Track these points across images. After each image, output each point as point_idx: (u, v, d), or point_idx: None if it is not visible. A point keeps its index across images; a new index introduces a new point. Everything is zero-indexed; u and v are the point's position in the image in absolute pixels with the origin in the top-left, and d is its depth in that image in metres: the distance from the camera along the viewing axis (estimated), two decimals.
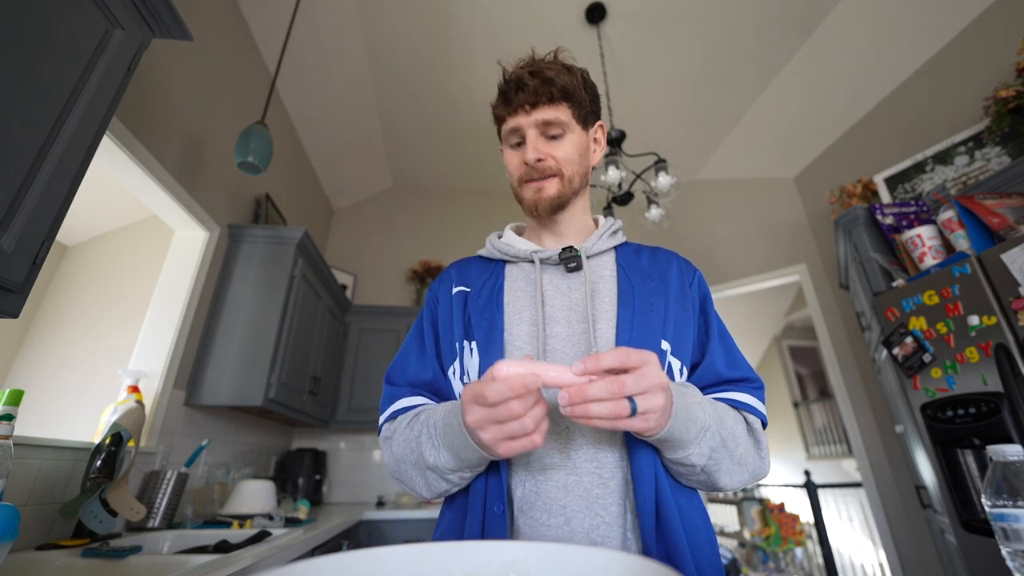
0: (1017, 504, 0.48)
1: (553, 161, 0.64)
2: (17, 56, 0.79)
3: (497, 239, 0.73)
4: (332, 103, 2.82)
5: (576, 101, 0.64)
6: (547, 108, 0.62)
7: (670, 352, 0.60)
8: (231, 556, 1.01)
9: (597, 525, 0.50)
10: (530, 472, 0.54)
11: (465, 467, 0.52)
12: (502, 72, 0.66)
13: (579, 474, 0.53)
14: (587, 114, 0.67)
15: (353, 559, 0.30)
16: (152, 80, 1.54)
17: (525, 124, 0.63)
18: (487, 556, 0.32)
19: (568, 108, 0.64)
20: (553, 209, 0.66)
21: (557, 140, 0.64)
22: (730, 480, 0.55)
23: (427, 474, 0.55)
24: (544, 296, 0.64)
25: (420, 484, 0.57)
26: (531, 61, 0.65)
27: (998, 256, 1.37)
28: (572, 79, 0.64)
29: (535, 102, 0.62)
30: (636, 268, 0.67)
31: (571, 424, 0.55)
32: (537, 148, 0.63)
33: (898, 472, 2.28)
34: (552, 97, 0.62)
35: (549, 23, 2.43)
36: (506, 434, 0.44)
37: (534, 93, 0.61)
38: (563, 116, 0.63)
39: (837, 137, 2.78)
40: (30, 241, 0.82)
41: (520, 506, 0.53)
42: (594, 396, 0.41)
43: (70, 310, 2.19)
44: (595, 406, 0.41)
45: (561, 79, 0.62)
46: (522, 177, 0.65)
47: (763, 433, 0.59)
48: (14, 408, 0.81)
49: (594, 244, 0.67)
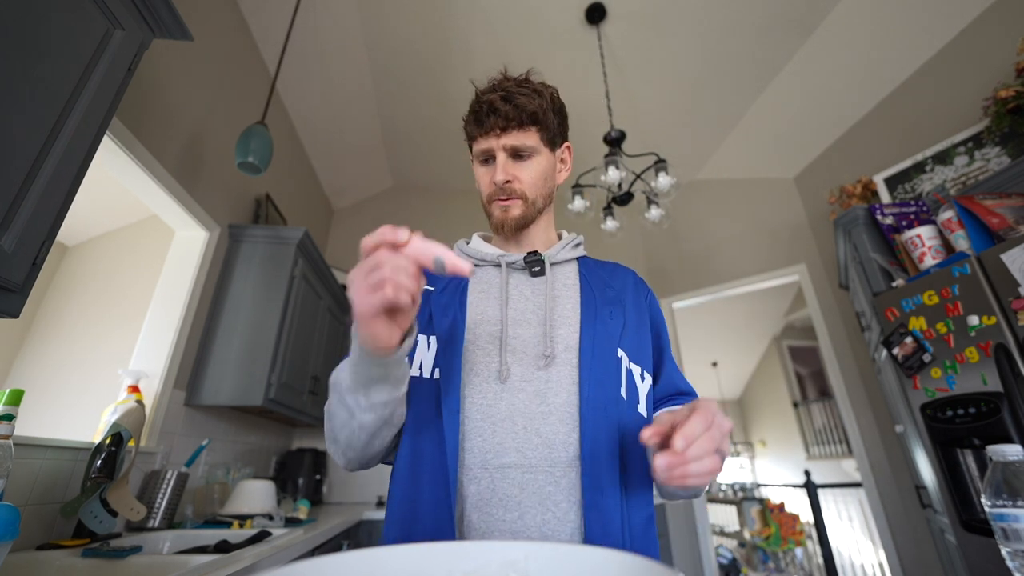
0: (1017, 504, 0.48)
1: (519, 184, 0.67)
2: (17, 56, 0.79)
3: (465, 244, 0.78)
4: (332, 103, 2.82)
5: (544, 125, 0.67)
6: (517, 133, 0.66)
7: (627, 359, 0.63)
8: (231, 556, 1.01)
9: (548, 520, 0.52)
10: (486, 469, 0.55)
11: (359, 384, 0.52)
12: (475, 92, 0.69)
13: (533, 472, 0.54)
14: (554, 136, 0.70)
15: (353, 559, 0.30)
16: (152, 80, 1.54)
17: (495, 147, 0.66)
18: (487, 556, 0.32)
19: (536, 132, 0.67)
20: (518, 228, 0.70)
21: (524, 161, 0.67)
22: None
23: (332, 398, 0.57)
24: (509, 298, 0.66)
25: (328, 421, 0.58)
26: (503, 82, 0.68)
27: (998, 256, 1.37)
28: (542, 103, 0.67)
29: (505, 127, 0.65)
30: (597, 277, 0.71)
31: (527, 424, 0.57)
32: (506, 170, 0.66)
33: (898, 472, 2.29)
34: (522, 122, 0.65)
35: (549, 23, 2.43)
36: (372, 284, 0.42)
37: (505, 118, 0.64)
38: (531, 141, 0.67)
39: (837, 137, 2.78)
40: (30, 241, 0.82)
41: (475, 502, 0.54)
42: (694, 457, 0.41)
43: (70, 310, 2.19)
44: (694, 466, 0.41)
45: (532, 104, 0.65)
46: (491, 195, 0.68)
47: None
48: (14, 408, 0.81)
49: (557, 253, 0.72)
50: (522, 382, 0.59)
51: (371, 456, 0.60)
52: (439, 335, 0.62)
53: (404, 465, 0.58)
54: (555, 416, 0.57)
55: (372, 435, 0.56)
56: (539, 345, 0.61)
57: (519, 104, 0.64)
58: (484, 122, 0.66)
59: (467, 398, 0.59)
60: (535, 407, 0.57)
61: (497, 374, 0.60)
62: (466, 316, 0.64)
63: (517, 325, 0.63)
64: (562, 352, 0.61)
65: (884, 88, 2.47)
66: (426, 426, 0.58)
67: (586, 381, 0.58)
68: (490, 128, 0.65)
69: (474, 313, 0.65)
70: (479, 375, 0.60)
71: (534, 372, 0.60)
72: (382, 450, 0.60)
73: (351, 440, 0.56)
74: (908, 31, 2.23)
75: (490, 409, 0.58)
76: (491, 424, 0.57)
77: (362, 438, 0.56)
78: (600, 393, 0.58)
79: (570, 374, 0.59)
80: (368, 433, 0.55)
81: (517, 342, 0.62)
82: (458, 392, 0.58)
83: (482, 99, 0.67)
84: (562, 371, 0.60)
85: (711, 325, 6.34)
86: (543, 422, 0.57)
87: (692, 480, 0.41)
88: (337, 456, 0.60)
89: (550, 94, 0.69)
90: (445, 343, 0.61)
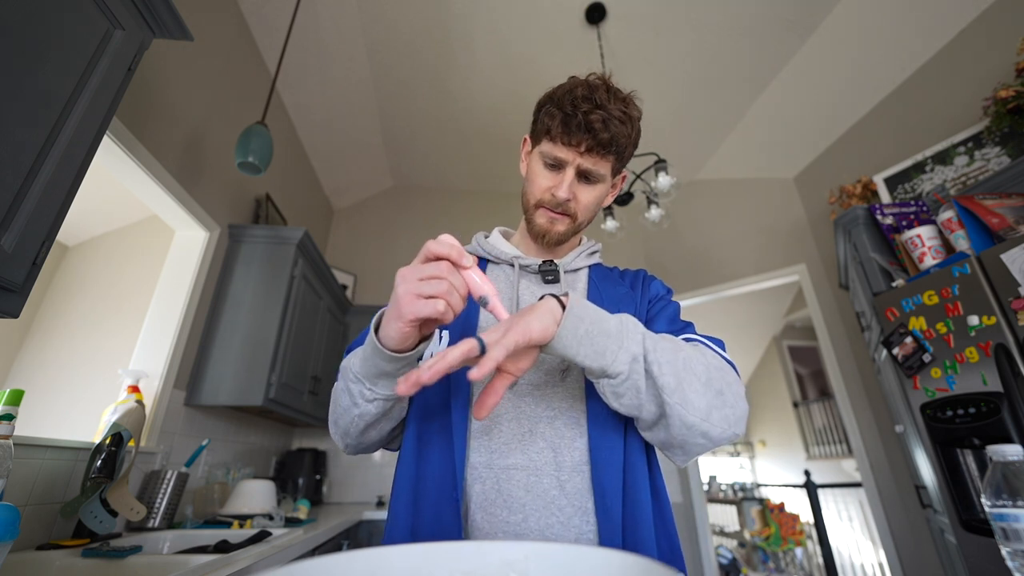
0: (1017, 504, 0.48)
1: (576, 205, 0.65)
2: (18, 56, 0.79)
3: (484, 239, 0.76)
4: (332, 103, 2.82)
5: (621, 157, 0.65)
6: (596, 158, 0.63)
7: None
8: (231, 556, 1.01)
9: (552, 524, 0.52)
10: (492, 469, 0.55)
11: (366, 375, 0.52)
12: (573, 88, 0.62)
13: (539, 475, 0.54)
14: (622, 166, 0.69)
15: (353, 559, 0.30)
16: (153, 80, 1.54)
17: (570, 161, 0.63)
18: (487, 556, 0.32)
19: (612, 162, 0.65)
20: (558, 243, 0.69)
21: (589, 185, 0.65)
22: (677, 385, 0.47)
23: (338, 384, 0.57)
24: (520, 301, 0.66)
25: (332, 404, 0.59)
26: (604, 93, 0.61)
27: (998, 256, 1.37)
28: (630, 134, 0.63)
29: (591, 148, 0.61)
30: (606, 281, 0.71)
31: (533, 427, 0.56)
32: (571, 190, 0.64)
33: (898, 472, 2.28)
34: (606, 151, 0.62)
35: (549, 23, 2.43)
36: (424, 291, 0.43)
37: (595, 140, 0.61)
38: (604, 169, 0.64)
39: (837, 137, 2.78)
40: (30, 241, 0.82)
41: (480, 502, 0.53)
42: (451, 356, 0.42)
43: (70, 310, 2.19)
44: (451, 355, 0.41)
45: (623, 136, 0.62)
46: (542, 201, 0.66)
47: (722, 361, 0.55)
48: (14, 408, 0.81)
49: (572, 260, 0.71)
50: (529, 385, 0.59)
51: (367, 444, 0.62)
52: (451, 329, 0.62)
53: (410, 457, 0.58)
54: (561, 420, 0.57)
55: (369, 425, 0.57)
56: None
57: (615, 135, 0.61)
58: (572, 133, 0.61)
59: (474, 398, 0.58)
60: (541, 411, 0.57)
61: None
62: (480, 314, 0.65)
63: None
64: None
65: (884, 88, 2.47)
66: (434, 419, 0.58)
67: (592, 388, 0.58)
68: (576, 142, 0.61)
69: (486, 311, 0.64)
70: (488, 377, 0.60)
71: (541, 376, 0.59)
72: (379, 440, 0.62)
73: (349, 427, 0.58)
74: (908, 31, 2.23)
75: (497, 409, 0.57)
76: (497, 424, 0.57)
77: (359, 426, 0.57)
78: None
79: (576, 380, 0.59)
80: (366, 422, 0.56)
81: None
82: (468, 388, 0.58)
83: (580, 107, 0.60)
84: (569, 376, 0.59)
85: (711, 325, 6.34)
86: (549, 426, 0.56)
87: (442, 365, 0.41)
88: (336, 438, 0.62)
89: (638, 120, 0.65)
90: (458, 338, 0.61)
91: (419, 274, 0.44)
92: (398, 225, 3.71)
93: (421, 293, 0.43)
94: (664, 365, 0.48)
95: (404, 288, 0.44)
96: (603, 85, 0.63)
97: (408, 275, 0.44)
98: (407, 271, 0.45)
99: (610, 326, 0.48)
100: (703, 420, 0.48)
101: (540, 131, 0.66)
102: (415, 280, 0.44)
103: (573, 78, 0.65)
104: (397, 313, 0.45)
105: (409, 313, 0.44)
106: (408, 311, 0.44)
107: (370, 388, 0.52)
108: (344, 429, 0.58)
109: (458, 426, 0.56)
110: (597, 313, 0.48)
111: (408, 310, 0.44)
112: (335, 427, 0.60)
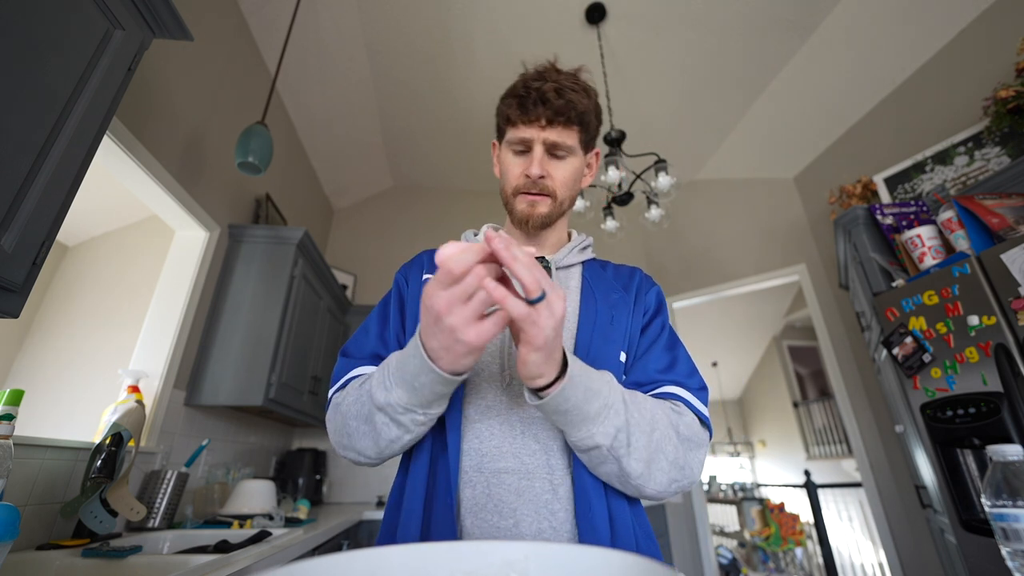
0: (1017, 504, 0.48)
1: (551, 182, 0.65)
2: (18, 56, 0.79)
3: (473, 236, 0.75)
4: (332, 103, 2.82)
5: (586, 127, 0.65)
6: (561, 129, 0.63)
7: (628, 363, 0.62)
8: (231, 556, 1.01)
9: (544, 529, 0.51)
10: (482, 474, 0.54)
11: (418, 404, 0.49)
12: (524, 75, 0.65)
13: (531, 479, 0.53)
14: (591, 140, 0.69)
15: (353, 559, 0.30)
16: (152, 80, 1.54)
17: (536, 138, 0.63)
18: (487, 556, 0.32)
19: (578, 133, 0.65)
20: (543, 226, 0.68)
21: (560, 160, 0.65)
22: (645, 469, 0.50)
23: (376, 418, 0.51)
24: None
25: (367, 436, 0.53)
26: (553, 72, 0.64)
27: (998, 256, 1.37)
28: (589, 104, 0.64)
29: (552, 120, 0.62)
30: (601, 281, 0.69)
31: (525, 429, 0.56)
32: (542, 165, 0.63)
33: (898, 472, 2.28)
34: (568, 120, 0.62)
35: (549, 23, 2.43)
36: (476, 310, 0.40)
37: (554, 111, 0.61)
38: (571, 140, 0.64)
39: (837, 137, 2.78)
40: (30, 241, 0.82)
41: (470, 507, 0.52)
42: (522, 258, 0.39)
43: (70, 310, 2.19)
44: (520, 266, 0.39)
45: (581, 104, 0.63)
46: (519, 187, 0.65)
47: (697, 427, 0.56)
48: (14, 408, 0.81)
49: (564, 257, 0.70)
50: (522, 386, 0.57)
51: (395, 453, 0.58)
52: None
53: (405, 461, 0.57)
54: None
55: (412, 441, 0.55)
56: None
57: (571, 100, 0.61)
58: (530, 110, 0.62)
59: (465, 397, 0.58)
60: (533, 412, 0.56)
61: (499, 377, 0.59)
62: None
63: None
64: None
65: (884, 88, 2.47)
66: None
67: None
68: (535, 118, 0.62)
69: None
70: (479, 375, 0.59)
71: None
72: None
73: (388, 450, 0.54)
74: (908, 31, 2.23)
75: (488, 410, 0.57)
76: (488, 427, 0.56)
77: (406, 446, 0.54)
78: None
79: None
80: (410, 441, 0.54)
81: None
82: (461, 390, 0.57)
83: (531, 85, 0.62)
84: None
85: (711, 325, 6.34)
86: (541, 427, 0.56)
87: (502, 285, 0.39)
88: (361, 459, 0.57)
89: (596, 95, 0.67)
90: None
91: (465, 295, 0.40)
92: (398, 225, 3.71)
93: (480, 312, 0.41)
94: (634, 451, 0.49)
95: (458, 319, 0.40)
96: (551, 66, 0.65)
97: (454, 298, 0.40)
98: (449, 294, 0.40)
99: (591, 409, 0.47)
100: (659, 493, 0.52)
101: (502, 125, 0.67)
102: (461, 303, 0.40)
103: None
104: (467, 344, 0.41)
105: (476, 340, 0.41)
106: (474, 339, 0.41)
107: (424, 412, 0.50)
108: (380, 453, 0.55)
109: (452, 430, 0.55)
110: (586, 392, 0.47)
111: (474, 338, 0.41)
112: (366, 454, 0.55)
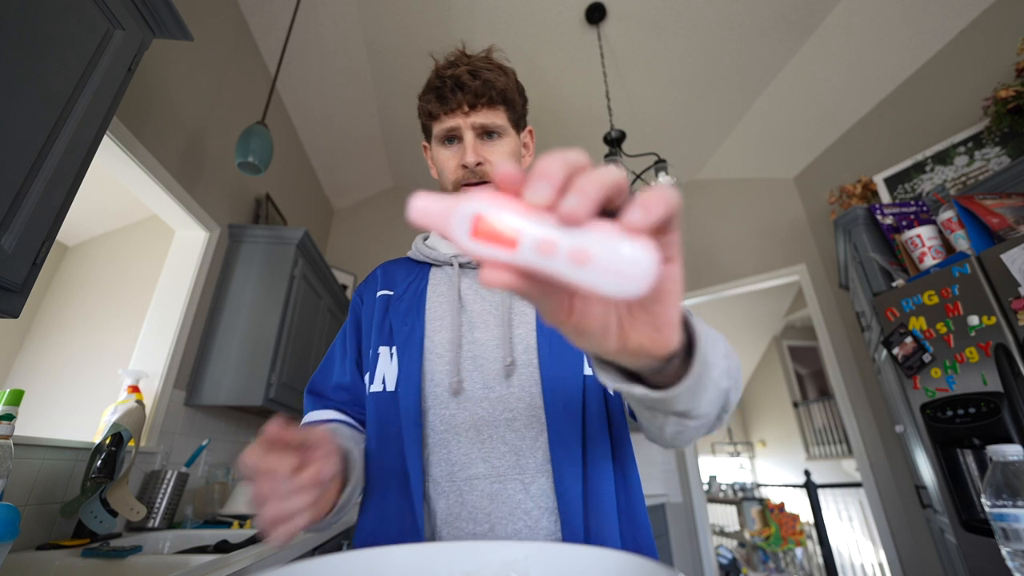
0: (1017, 504, 0.48)
1: (490, 166, 0.62)
2: (18, 56, 0.79)
3: (423, 242, 0.71)
4: (332, 103, 2.82)
5: (512, 105, 0.64)
6: (486, 111, 0.61)
7: None
8: (231, 556, 1.01)
9: (520, 530, 0.50)
10: (454, 483, 0.53)
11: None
12: (435, 67, 0.64)
13: (503, 482, 0.52)
14: (520, 118, 0.67)
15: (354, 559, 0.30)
16: (152, 80, 1.54)
17: (463, 125, 0.61)
18: (487, 556, 0.32)
19: (505, 112, 0.63)
20: None
21: (494, 142, 0.63)
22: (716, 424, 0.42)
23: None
24: (463, 301, 0.62)
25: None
26: (463, 57, 0.63)
27: (998, 256, 1.37)
28: (508, 82, 0.63)
29: (474, 103, 0.60)
30: None
31: (493, 433, 0.54)
32: (476, 151, 0.61)
33: (898, 472, 2.28)
34: (491, 100, 0.61)
35: (549, 23, 2.43)
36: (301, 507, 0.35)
37: (474, 94, 0.60)
38: (500, 120, 0.62)
39: (837, 137, 2.78)
40: (30, 241, 0.82)
41: (445, 517, 0.52)
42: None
43: (70, 310, 2.19)
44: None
45: (500, 82, 0.61)
46: (458, 180, 0.63)
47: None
48: (14, 408, 0.82)
49: None
50: (484, 389, 0.56)
51: None
52: (399, 345, 0.59)
53: (370, 481, 0.56)
54: (520, 421, 0.54)
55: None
56: (499, 348, 0.57)
57: (488, 80, 0.60)
58: (449, 99, 0.60)
59: (430, 410, 0.56)
60: (499, 414, 0.54)
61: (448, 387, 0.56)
62: (424, 323, 0.60)
63: (475, 329, 0.59)
64: (522, 354, 0.57)
65: (884, 88, 2.47)
66: (389, 442, 0.56)
67: (548, 380, 0.55)
68: (457, 105, 0.60)
69: (432, 319, 0.61)
70: (439, 384, 0.57)
71: (496, 378, 0.56)
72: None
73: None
74: (908, 31, 2.23)
75: (452, 419, 0.55)
76: (455, 435, 0.54)
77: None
78: (563, 388, 0.54)
79: (532, 375, 0.56)
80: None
81: (476, 347, 0.58)
82: (418, 405, 0.55)
83: (444, 74, 0.61)
84: (523, 372, 0.56)
85: (711, 325, 6.31)
86: (508, 429, 0.54)
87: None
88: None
89: (514, 73, 0.65)
90: (403, 354, 0.58)
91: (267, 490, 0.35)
92: (398, 225, 3.71)
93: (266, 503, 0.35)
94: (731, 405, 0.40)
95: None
96: (460, 52, 0.64)
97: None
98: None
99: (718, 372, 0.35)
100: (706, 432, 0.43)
101: (426, 122, 0.66)
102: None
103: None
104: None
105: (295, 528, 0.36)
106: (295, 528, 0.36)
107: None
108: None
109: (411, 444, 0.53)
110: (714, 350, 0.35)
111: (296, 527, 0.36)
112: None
